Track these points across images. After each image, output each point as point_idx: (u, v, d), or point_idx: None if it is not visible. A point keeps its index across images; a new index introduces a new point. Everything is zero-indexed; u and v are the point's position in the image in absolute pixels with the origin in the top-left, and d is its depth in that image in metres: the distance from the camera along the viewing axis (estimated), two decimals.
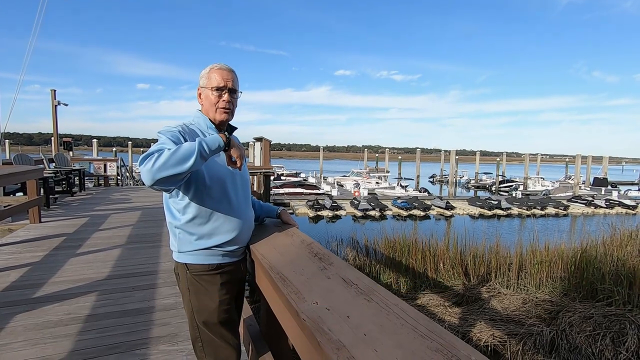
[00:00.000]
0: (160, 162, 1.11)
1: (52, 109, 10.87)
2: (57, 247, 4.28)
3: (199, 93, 1.45)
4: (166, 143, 1.23)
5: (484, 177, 40.61)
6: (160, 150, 1.15)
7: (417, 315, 0.80)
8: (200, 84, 1.43)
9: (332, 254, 1.28)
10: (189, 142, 1.23)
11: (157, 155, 1.13)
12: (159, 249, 4.33)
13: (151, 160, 1.12)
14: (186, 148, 1.15)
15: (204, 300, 1.34)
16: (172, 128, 1.33)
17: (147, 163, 1.12)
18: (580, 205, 22.29)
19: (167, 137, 1.27)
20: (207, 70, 1.43)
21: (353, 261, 7.82)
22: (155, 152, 1.15)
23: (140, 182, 26.75)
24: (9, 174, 4.71)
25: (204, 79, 1.42)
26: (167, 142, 1.24)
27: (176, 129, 1.33)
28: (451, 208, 20.00)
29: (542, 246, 6.87)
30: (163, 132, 1.30)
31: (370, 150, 57.66)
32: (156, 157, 1.12)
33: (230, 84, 1.40)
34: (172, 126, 1.35)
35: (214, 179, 1.34)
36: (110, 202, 7.68)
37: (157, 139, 1.31)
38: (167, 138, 1.26)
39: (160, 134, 1.30)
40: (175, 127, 1.34)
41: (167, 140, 1.25)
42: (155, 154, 1.14)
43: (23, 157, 7.52)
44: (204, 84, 1.42)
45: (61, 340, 2.29)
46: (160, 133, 1.31)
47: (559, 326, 4.74)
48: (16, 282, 3.22)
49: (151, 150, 1.17)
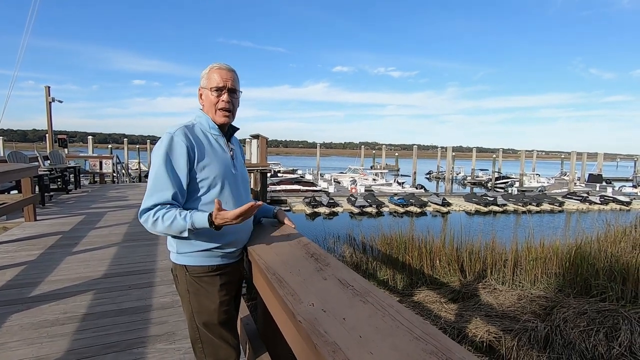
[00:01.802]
0: (155, 230, 1.26)
1: (47, 106, 10.77)
2: (53, 246, 4.26)
3: (199, 93, 1.43)
4: (164, 188, 1.24)
5: (480, 174, 40.78)
6: (157, 213, 1.24)
7: (412, 317, 0.80)
8: (201, 84, 1.42)
9: (329, 254, 1.28)
10: (181, 217, 1.24)
11: (152, 221, 1.24)
12: (156, 247, 4.32)
13: (147, 223, 1.25)
14: (178, 225, 1.24)
15: (203, 302, 1.34)
16: (179, 144, 1.28)
17: (145, 222, 1.26)
18: (575, 202, 22.45)
19: (168, 177, 1.24)
20: (206, 70, 1.41)
21: (350, 258, 7.85)
22: (152, 210, 1.25)
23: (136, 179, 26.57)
24: (4, 172, 4.67)
25: (204, 79, 1.41)
26: (166, 184, 1.24)
27: (183, 142, 1.28)
28: (447, 204, 20.08)
29: (538, 243, 6.92)
30: (163, 164, 1.25)
31: (367, 147, 57.64)
32: (152, 223, 1.24)
33: (229, 84, 1.38)
34: (178, 136, 1.29)
35: (215, 180, 1.34)
36: (106, 200, 7.65)
37: (158, 154, 1.28)
38: (167, 178, 1.24)
39: (159, 164, 1.26)
40: (181, 138, 1.28)
41: (167, 180, 1.24)
42: (152, 217, 1.24)
43: (17, 155, 7.45)
44: (204, 84, 1.41)
45: (58, 340, 2.28)
46: (159, 162, 1.26)
47: (553, 322, 4.79)
48: (12, 281, 3.21)
49: (148, 205, 1.25)
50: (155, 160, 1.28)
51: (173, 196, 1.26)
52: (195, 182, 1.31)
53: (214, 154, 1.36)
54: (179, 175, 1.27)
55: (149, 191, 1.26)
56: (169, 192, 1.25)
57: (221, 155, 1.39)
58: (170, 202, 1.26)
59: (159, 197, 1.24)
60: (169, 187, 1.25)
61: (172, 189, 1.25)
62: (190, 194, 1.33)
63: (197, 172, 1.30)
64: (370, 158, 52.60)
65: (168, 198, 1.25)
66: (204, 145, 1.34)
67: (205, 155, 1.33)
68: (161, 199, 1.24)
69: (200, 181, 1.31)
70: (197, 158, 1.30)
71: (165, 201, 1.25)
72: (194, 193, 1.33)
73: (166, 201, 1.25)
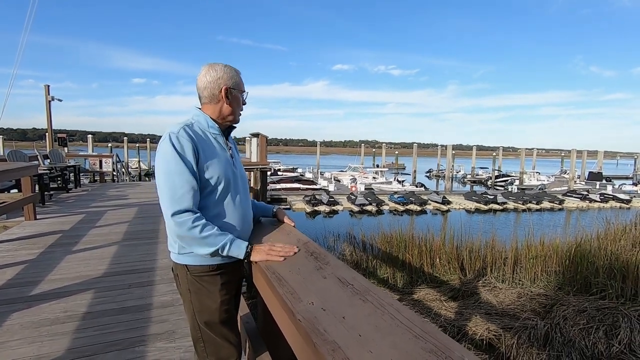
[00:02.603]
0: (187, 234, 1.24)
1: (46, 105, 10.76)
2: (53, 245, 4.27)
3: (226, 92, 1.38)
4: (183, 193, 1.24)
5: (480, 172, 40.77)
6: (198, 222, 1.24)
7: (412, 316, 0.80)
8: (230, 84, 1.39)
9: (329, 253, 1.28)
10: (221, 236, 1.27)
11: (190, 226, 1.23)
12: (156, 245, 4.33)
13: (184, 226, 1.23)
14: (212, 242, 1.26)
15: (205, 301, 1.34)
16: (185, 143, 1.26)
17: (183, 224, 1.23)
18: (575, 200, 22.46)
19: (188, 176, 1.24)
20: (231, 71, 1.41)
21: (350, 256, 7.85)
22: (189, 214, 1.24)
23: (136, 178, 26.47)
24: (4, 171, 4.67)
25: (235, 80, 1.41)
26: (183, 187, 1.24)
27: (189, 141, 1.27)
28: (448, 203, 20.08)
29: (538, 241, 6.92)
30: (182, 163, 1.24)
31: (367, 145, 57.58)
32: (189, 228, 1.23)
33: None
34: (182, 135, 1.27)
35: (218, 181, 1.33)
36: (106, 199, 7.65)
37: (165, 159, 1.25)
38: (188, 177, 1.24)
39: (175, 164, 1.24)
40: (185, 137, 1.28)
41: (184, 184, 1.24)
42: (191, 222, 1.23)
43: (17, 154, 7.45)
44: (235, 86, 1.40)
45: (58, 338, 2.29)
46: (174, 162, 1.24)
47: (553, 320, 4.80)
48: (12, 279, 3.21)
49: (182, 208, 1.23)
50: (167, 161, 1.25)
51: (194, 197, 1.26)
52: (200, 181, 1.30)
53: (215, 153, 1.36)
54: (195, 173, 1.27)
55: (174, 192, 1.24)
56: (193, 194, 1.25)
57: (222, 154, 1.39)
58: (197, 209, 1.28)
59: (190, 199, 1.24)
60: (191, 188, 1.25)
61: (193, 189, 1.25)
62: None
63: (201, 171, 1.30)
64: (370, 156, 52.59)
65: (196, 201, 1.27)
66: (206, 144, 1.34)
67: (208, 154, 1.32)
68: (192, 201, 1.25)
69: (204, 180, 1.31)
70: (201, 157, 1.29)
71: (195, 203, 1.27)
72: (200, 193, 1.31)
73: (196, 204, 1.27)
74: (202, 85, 1.39)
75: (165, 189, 1.24)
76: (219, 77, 1.37)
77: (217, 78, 1.37)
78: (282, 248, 1.30)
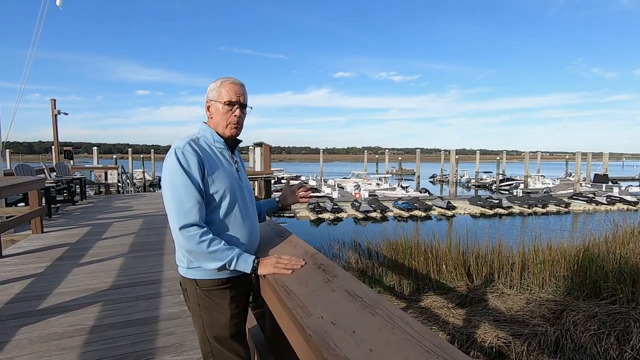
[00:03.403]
0: (195, 248, 1.24)
1: (52, 119, 10.91)
2: (60, 258, 4.29)
3: (207, 106, 1.42)
4: (190, 207, 1.24)
5: (485, 176, 40.62)
6: (205, 236, 1.24)
7: (422, 330, 0.80)
8: (210, 97, 1.41)
9: (336, 265, 1.28)
10: (228, 250, 1.27)
11: (198, 240, 1.23)
12: (162, 257, 4.34)
13: (192, 240, 1.23)
14: (220, 256, 1.26)
15: (215, 315, 1.34)
16: (191, 158, 1.27)
17: (191, 238, 1.23)
18: (581, 203, 22.27)
19: (194, 191, 1.25)
20: (217, 83, 1.41)
21: (355, 264, 7.81)
22: (196, 227, 1.24)
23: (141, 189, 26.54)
24: (12, 185, 4.72)
25: (215, 92, 1.40)
26: (190, 201, 1.24)
27: (194, 156, 1.28)
28: (452, 208, 19.99)
29: (545, 245, 6.86)
30: (188, 178, 1.25)
31: (370, 151, 57.63)
32: (197, 242, 1.23)
33: (242, 99, 1.40)
34: (188, 151, 1.28)
35: (224, 195, 1.34)
36: (111, 210, 7.70)
37: (173, 178, 1.26)
38: (194, 193, 1.25)
39: (181, 179, 1.25)
40: (191, 152, 1.29)
41: (190, 198, 1.24)
42: (199, 237, 1.23)
43: (24, 167, 7.54)
44: (215, 98, 1.40)
45: (67, 353, 2.29)
46: (181, 177, 1.25)
47: (563, 325, 4.73)
48: (20, 294, 3.23)
49: (189, 222, 1.24)
50: (173, 175, 1.26)
51: (200, 211, 1.27)
52: (206, 195, 1.31)
53: (221, 167, 1.37)
54: (200, 188, 1.28)
55: (181, 207, 1.24)
56: (199, 208, 1.26)
57: (228, 168, 1.40)
58: (203, 224, 1.29)
59: (197, 214, 1.25)
60: (197, 202, 1.26)
61: (199, 203, 1.26)
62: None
63: (207, 185, 1.31)
64: (374, 163, 52.57)
65: (203, 215, 1.28)
66: (211, 158, 1.35)
67: (214, 168, 1.33)
68: (198, 215, 1.26)
69: (210, 194, 1.32)
70: (207, 171, 1.30)
71: (202, 218, 1.28)
72: (206, 207, 1.32)
73: (202, 218, 1.28)
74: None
75: (172, 204, 1.26)
76: (208, 93, 1.43)
77: (207, 95, 1.43)
78: (289, 260, 1.30)
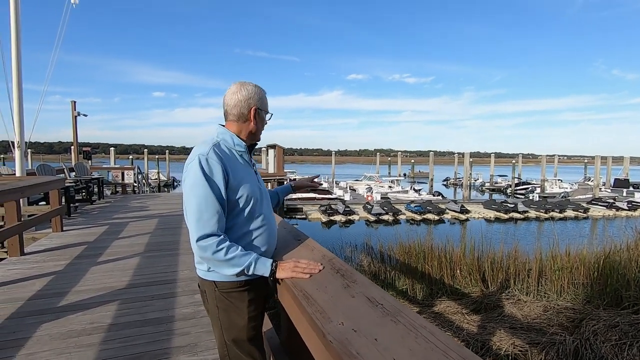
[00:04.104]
0: (213, 257, 1.25)
1: (72, 120, 11.20)
2: (79, 256, 4.39)
3: (255, 112, 1.40)
4: (209, 217, 1.25)
5: (499, 180, 39.93)
6: (222, 244, 1.25)
7: (447, 340, 0.79)
8: (259, 105, 1.42)
9: (355, 270, 1.27)
10: (245, 256, 1.28)
11: (215, 249, 1.24)
12: (177, 257, 4.39)
13: (208, 250, 1.24)
14: (237, 263, 1.26)
15: (233, 318, 1.34)
16: (215, 166, 1.27)
17: (207, 248, 1.24)
18: (601, 208, 21.65)
19: (215, 201, 1.25)
20: (261, 92, 1.44)
21: (368, 267, 7.76)
22: (213, 237, 1.25)
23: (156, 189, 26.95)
24: (34, 185, 4.87)
25: (263, 102, 1.44)
26: (209, 210, 1.24)
27: (218, 164, 1.27)
28: (466, 212, 19.70)
29: (563, 251, 6.68)
30: (209, 188, 1.25)
31: (382, 153, 57.31)
32: (214, 251, 1.24)
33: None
34: (212, 158, 1.27)
35: (247, 200, 1.35)
36: (128, 210, 7.84)
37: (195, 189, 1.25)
38: (214, 202, 1.25)
39: (203, 188, 1.24)
40: (215, 159, 1.27)
41: (210, 208, 1.24)
42: (216, 246, 1.24)
43: (45, 167, 7.76)
44: (263, 106, 1.44)
45: (85, 350, 2.34)
46: (203, 186, 1.24)
47: (582, 335, 4.58)
48: (41, 291, 3.31)
49: (207, 232, 1.24)
50: (195, 184, 1.25)
51: (219, 221, 1.27)
52: (229, 201, 1.32)
53: (243, 171, 1.37)
54: (222, 197, 1.28)
55: (200, 216, 1.25)
56: (218, 218, 1.26)
57: (248, 171, 1.40)
58: (221, 232, 1.29)
59: (215, 224, 1.26)
60: (216, 212, 1.26)
61: (219, 213, 1.26)
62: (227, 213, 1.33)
63: (231, 191, 1.31)
64: (386, 165, 52.25)
65: (222, 225, 1.28)
66: (234, 163, 1.35)
67: (236, 174, 1.33)
68: (217, 225, 1.26)
69: (233, 200, 1.32)
70: (230, 178, 1.30)
71: (221, 227, 1.28)
72: (228, 213, 1.33)
73: (221, 228, 1.28)
74: (231, 103, 1.39)
75: (191, 212, 1.26)
76: (250, 97, 1.39)
77: (248, 98, 1.39)
78: (307, 265, 1.30)
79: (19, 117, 6.46)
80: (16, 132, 6.47)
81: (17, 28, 6.39)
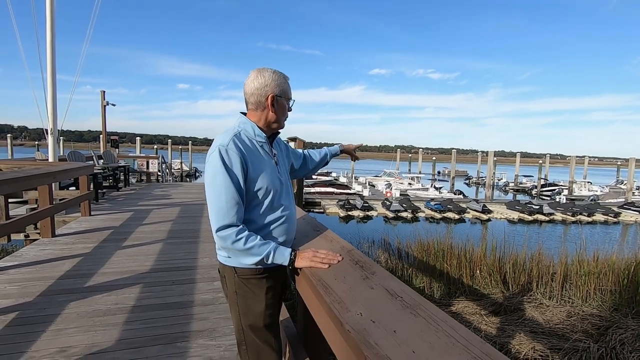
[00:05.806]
0: (232, 247, 1.27)
1: (102, 109, 11.60)
2: (106, 240, 4.57)
3: (272, 100, 1.37)
4: (229, 208, 1.25)
5: (524, 180, 38.61)
6: (241, 234, 1.26)
7: (469, 335, 0.76)
8: (277, 92, 1.38)
9: (374, 262, 1.26)
10: (264, 245, 1.29)
11: (234, 239, 1.26)
12: (197, 244, 4.50)
13: (228, 240, 1.26)
14: (257, 251, 1.28)
15: (251, 304, 1.36)
16: (234, 157, 1.26)
17: (227, 237, 1.26)
18: (633, 213, 20.59)
19: (235, 192, 1.25)
20: (282, 78, 1.40)
21: (385, 263, 7.71)
22: (233, 228, 1.26)
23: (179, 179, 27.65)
24: (65, 170, 5.09)
25: (282, 88, 1.40)
26: (229, 201, 1.25)
27: (238, 155, 1.27)
28: (488, 212, 19.17)
29: (590, 256, 6.41)
30: (229, 179, 1.25)
31: (403, 150, 56.52)
32: (233, 241, 1.26)
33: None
34: (232, 149, 1.27)
35: (266, 192, 1.34)
36: (152, 198, 8.08)
37: (214, 178, 1.26)
38: (234, 194, 1.25)
39: (224, 178, 1.25)
40: (234, 150, 1.27)
41: (230, 199, 1.25)
42: (235, 235, 1.25)
43: (76, 154, 8.09)
44: (282, 94, 1.39)
45: (109, 329, 2.43)
46: (223, 177, 1.24)
47: (608, 343, 4.40)
48: (70, 271, 3.47)
49: (227, 223, 1.26)
50: (215, 175, 1.26)
51: (239, 212, 1.28)
52: (248, 193, 1.32)
53: (263, 162, 1.36)
54: (242, 188, 1.28)
55: (220, 206, 1.26)
56: (237, 209, 1.27)
57: (268, 162, 1.39)
58: (240, 223, 1.30)
59: (234, 215, 1.26)
60: (236, 203, 1.26)
61: (238, 204, 1.27)
62: (246, 204, 1.34)
63: (250, 183, 1.30)
64: (406, 162, 51.51)
65: (241, 216, 1.29)
66: (253, 155, 1.34)
67: (256, 165, 1.33)
68: (235, 216, 1.27)
69: (252, 192, 1.32)
70: (250, 169, 1.30)
71: (240, 218, 1.29)
72: (247, 204, 1.33)
73: (240, 218, 1.29)
74: (249, 91, 1.37)
75: (212, 203, 1.27)
76: (267, 85, 1.36)
77: (265, 85, 1.36)
78: (325, 255, 1.29)
79: (53, 105, 6.75)
80: (50, 119, 6.77)
81: (52, 20, 6.64)
